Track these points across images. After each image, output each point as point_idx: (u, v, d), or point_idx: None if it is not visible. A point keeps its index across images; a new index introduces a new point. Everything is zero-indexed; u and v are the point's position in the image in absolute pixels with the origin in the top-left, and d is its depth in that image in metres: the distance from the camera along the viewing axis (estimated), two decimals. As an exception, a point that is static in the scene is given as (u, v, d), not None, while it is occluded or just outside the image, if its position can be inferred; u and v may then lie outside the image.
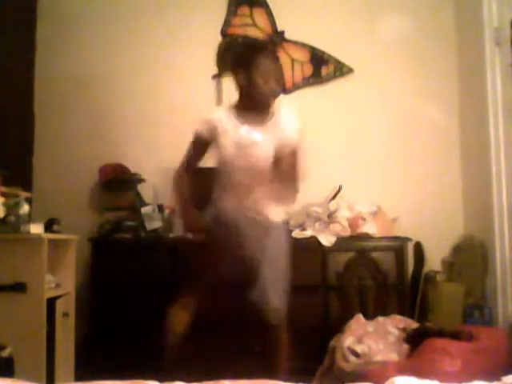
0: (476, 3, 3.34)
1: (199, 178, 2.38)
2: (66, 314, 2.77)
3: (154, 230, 3.23)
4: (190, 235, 2.59)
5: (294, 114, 2.41)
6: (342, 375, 2.47)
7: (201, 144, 2.38)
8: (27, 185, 3.23)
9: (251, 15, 3.68)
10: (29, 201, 2.78)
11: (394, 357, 2.47)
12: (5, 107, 3.10)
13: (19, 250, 2.42)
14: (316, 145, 3.48)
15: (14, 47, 3.31)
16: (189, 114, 3.52)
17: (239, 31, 3.66)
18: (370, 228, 3.23)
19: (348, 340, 2.59)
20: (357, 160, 3.57)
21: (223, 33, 3.65)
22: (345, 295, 3.13)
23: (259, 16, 3.67)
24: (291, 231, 3.17)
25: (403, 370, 2.07)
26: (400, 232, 3.29)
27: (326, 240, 3.13)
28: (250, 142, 2.30)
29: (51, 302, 2.56)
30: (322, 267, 3.14)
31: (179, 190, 2.44)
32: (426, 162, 3.60)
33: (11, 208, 2.56)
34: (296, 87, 3.64)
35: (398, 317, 2.86)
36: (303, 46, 3.62)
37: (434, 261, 3.45)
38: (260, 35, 3.65)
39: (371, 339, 2.57)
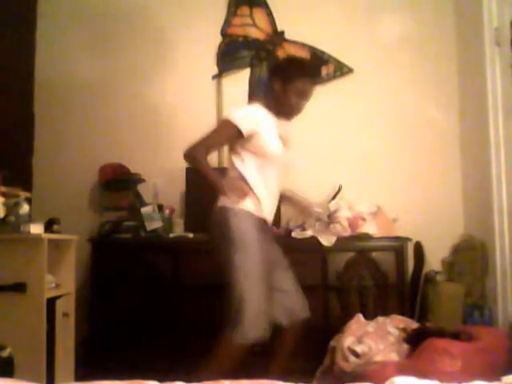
0: (476, 3, 3.34)
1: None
2: (66, 314, 2.76)
3: (154, 230, 3.23)
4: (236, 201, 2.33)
5: None
6: (342, 375, 2.46)
7: (233, 135, 2.28)
8: (27, 185, 3.23)
9: (251, 15, 3.68)
10: (29, 201, 2.78)
11: (393, 357, 2.47)
12: (5, 108, 3.10)
13: (19, 250, 2.42)
14: (316, 145, 3.50)
15: (14, 47, 3.31)
16: (189, 114, 3.56)
17: (239, 31, 3.66)
18: (369, 228, 3.22)
19: (348, 340, 2.59)
20: (357, 160, 3.57)
21: (223, 33, 3.65)
22: (345, 295, 3.13)
23: (259, 16, 3.67)
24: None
25: (403, 370, 2.07)
26: (400, 232, 3.29)
27: (326, 240, 3.12)
28: (282, 144, 2.37)
29: (51, 302, 2.56)
30: (322, 267, 3.14)
31: (204, 168, 2.28)
32: (426, 162, 3.60)
33: (11, 208, 2.55)
34: (296, 87, 3.64)
35: (398, 317, 2.86)
36: (303, 46, 3.62)
37: (434, 261, 3.46)
38: (260, 35, 3.65)
39: (371, 339, 2.57)
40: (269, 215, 2.37)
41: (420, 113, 3.62)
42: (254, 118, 2.31)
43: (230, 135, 2.30)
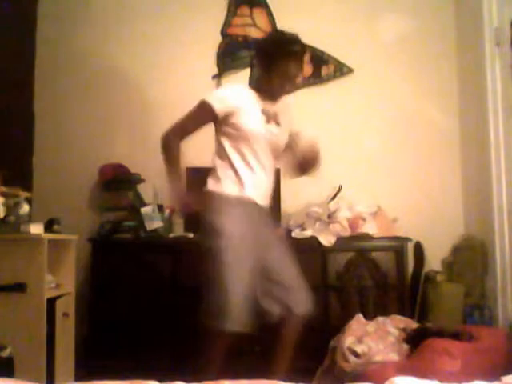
0: (476, 3, 3.34)
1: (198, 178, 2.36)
2: (65, 314, 2.77)
3: (154, 230, 3.23)
4: (181, 215, 2.42)
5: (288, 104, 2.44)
6: (342, 375, 2.46)
7: (208, 116, 2.25)
8: (27, 185, 3.23)
9: (251, 15, 3.68)
10: (29, 201, 2.78)
11: (393, 357, 2.47)
12: (5, 107, 3.10)
13: (19, 250, 2.42)
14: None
15: (14, 47, 3.31)
16: (189, 114, 3.55)
17: (239, 31, 3.66)
18: (370, 228, 3.22)
19: (348, 340, 2.59)
20: (357, 160, 3.57)
21: (223, 33, 3.65)
22: (345, 295, 3.13)
23: (259, 16, 3.67)
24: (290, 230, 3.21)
25: (403, 370, 2.07)
26: (400, 232, 3.29)
27: (326, 240, 3.13)
28: (271, 124, 2.30)
29: (51, 302, 2.56)
30: (322, 267, 3.14)
31: (171, 161, 2.31)
32: (426, 162, 3.60)
33: (11, 208, 2.56)
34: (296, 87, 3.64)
35: (398, 317, 2.86)
36: (303, 45, 3.62)
37: (434, 261, 3.46)
38: (260, 35, 3.65)
39: (371, 339, 2.57)
40: (261, 198, 2.28)
41: (420, 113, 3.62)
42: (230, 97, 2.26)
43: (205, 116, 2.26)
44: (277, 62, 2.25)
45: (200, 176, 2.35)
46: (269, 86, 2.30)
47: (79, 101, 3.60)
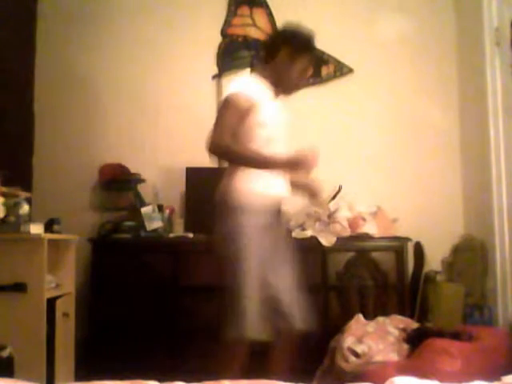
0: (476, 3, 3.34)
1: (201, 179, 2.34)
2: (65, 314, 2.77)
3: (154, 230, 3.23)
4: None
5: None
6: (342, 375, 2.47)
7: (241, 113, 2.08)
8: (27, 185, 3.23)
9: (251, 15, 3.68)
10: (29, 201, 2.78)
11: (393, 357, 2.47)
12: (5, 107, 3.10)
13: (19, 250, 2.42)
14: (316, 145, 3.49)
15: (13, 47, 3.31)
16: (189, 114, 3.56)
17: (239, 31, 3.67)
18: (370, 228, 3.23)
19: (348, 340, 2.59)
20: (357, 160, 3.57)
21: (223, 33, 3.65)
22: (345, 295, 3.13)
23: (259, 16, 3.67)
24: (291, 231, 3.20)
25: (403, 370, 2.07)
26: (400, 232, 3.29)
27: (326, 240, 3.13)
28: (285, 119, 2.25)
29: (51, 302, 2.56)
30: (322, 267, 3.14)
31: (246, 155, 2.09)
32: (426, 162, 3.60)
33: (11, 208, 2.56)
34: (296, 87, 3.64)
35: (398, 317, 2.86)
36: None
37: (434, 261, 3.45)
38: (260, 35, 3.65)
39: (371, 339, 2.57)
40: (283, 191, 2.22)
41: (420, 113, 3.62)
42: (249, 92, 2.13)
43: (238, 116, 2.09)
44: (301, 53, 2.20)
45: (200, 176, 2.33)
46: (287, 78, 2.21)
47: (79, 101, 3.60)
